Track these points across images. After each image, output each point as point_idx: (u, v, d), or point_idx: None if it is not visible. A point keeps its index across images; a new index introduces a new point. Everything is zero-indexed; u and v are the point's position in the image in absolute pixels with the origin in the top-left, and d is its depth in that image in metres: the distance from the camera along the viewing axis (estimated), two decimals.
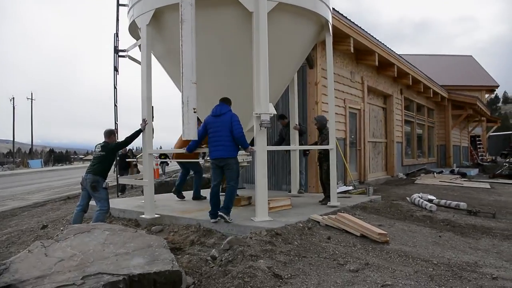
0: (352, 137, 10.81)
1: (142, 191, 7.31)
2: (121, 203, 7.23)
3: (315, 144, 7.55)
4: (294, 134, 8.13)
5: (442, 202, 7.71)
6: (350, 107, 10.38)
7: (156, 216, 5.90)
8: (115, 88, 6.88)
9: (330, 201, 6.65)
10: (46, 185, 18.71)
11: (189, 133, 5.08)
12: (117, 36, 6.85)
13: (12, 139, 51.45)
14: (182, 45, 4.99)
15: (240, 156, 5.79)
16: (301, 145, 8.10)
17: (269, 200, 5.63)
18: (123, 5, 6.89)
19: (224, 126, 5.28)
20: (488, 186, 11.41)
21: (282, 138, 8.48)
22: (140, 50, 6.37)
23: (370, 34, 10.38)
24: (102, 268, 3.12)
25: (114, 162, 7.14)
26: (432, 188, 10.50)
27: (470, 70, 28.01)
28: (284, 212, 5.96)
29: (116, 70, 6.86)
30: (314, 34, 6.70)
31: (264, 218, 5.28)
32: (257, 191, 5.41)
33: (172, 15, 5.64)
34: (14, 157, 57.74)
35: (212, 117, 5.47)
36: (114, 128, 6.58)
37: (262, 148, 5.40)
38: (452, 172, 15.61)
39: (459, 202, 7.51)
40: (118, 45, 6.86)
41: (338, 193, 7.30)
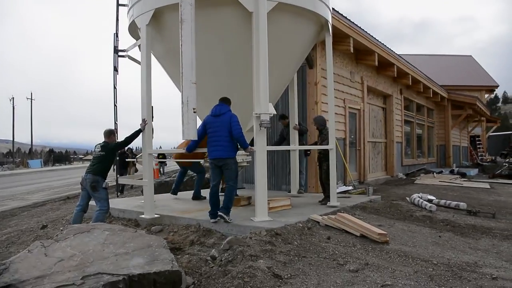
0: (351, 137, 10.81)
1: (142, 191, 7.32)
2: (120, 203, 7.24)
3: (315, 144, 7.55)
4: (294, 134, 8.13)
5: (442, 202, 7.71)
6: (349, 107, 10.39)
7: (155, 216, 5.90)
8: (115, 88, 6.89)
9: (329, 201, 6.66)
10: (46, 185, 18.70)
11: (189, 133, 5.08)
12: (117, 36, 6.85)
13: (11, 139, 51.43)
14: (181, 45, 4.99)
15: (239, 156, 5.79)
16: (302, 145, 8.11)
17: (268, 200, 5.63)
18: (123, 5, 6.90)
19: (223, 126, 5.28)
20: (487, 186, 11.41)
21: (282, 137, 8.47)
22: (140, 50, 6.37)
23: (369, 34, 10.38)
24: (102, 268, 3.12)
25: (114, 162, 7.14)
26: (431, 188, 10.50)
27: (470, 70, 28.02)
28: (284, 212, 5.96)
29: (116, 70, 6.87)
30: (314, 34, 6.70)
31: (263, 218, 5.28)
32: (256, 191, 5.40)
33: (171, 15, 5.64)
34: (13, 157, 57.75)
35: (211, 117, 5.46)
36: (114, 128, 6.58)
37: (261, 148, 5.40)
38: (451, 172, 15.61)
39: (459, 202, 7.51)
40: (118, 45, 6.87)
41: (338, 193, 7.30)
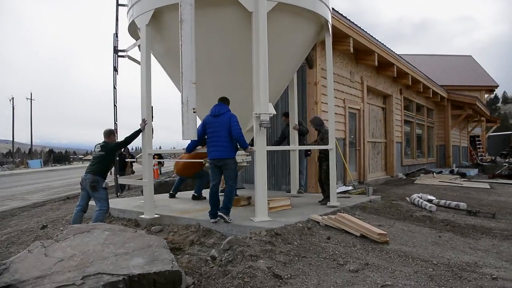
0: (351, 137, 10.81)
1: (142, 191, 7.31)
2: (120, 203, 7.23)
3: (314, 142, 7.55)
4: (295, 134, 8.13)
5: (442, 202, 7.71)
6: (349, 107, 10.39)
7: (155, 216, 5.90)
8: (115, 88, 6.89)
9: (329, 201, 6.65)
10: (46, 185, 18.68)
11: (188, 133, 5.07)
12: (116, 36, 6.85)
13: (11, 139, 51.43)
14: (181, 45, 4.99)
15: (239, 156, 5.79)
16: (302, 145, 8.11)
17: (268, 200, 5.63)
18: (123, 5, 6.89)
19: (222, 126, 5.28)
20: (487, 186, 11.41)
21: (284, 137, 8.48)
22: (139, 50, 6.37)
23: (369, 34, 10.38)
24: (101, 268, 3.11)
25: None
26: (431, 188, 10.50)
27: (470, 70, 28.03)
28: (283, 212, 5.96)
29: (115, 70, 6.87)
30: (313, 34, 6.70)
31: (263, 218, 5.28)
32: (256, 191, 5.40)
33: (171, 15, 5.63)
34: (13, 157, 57.77)
35: (211, 117, 5.46)
36: (113, 128, 6.58)
37: (261, 148, 5.40)
38: (451, 172, 15.62)
39: (459, 202, 7.50)
40: (118, 45, 6.87)
41: (338, 193, 7.30)
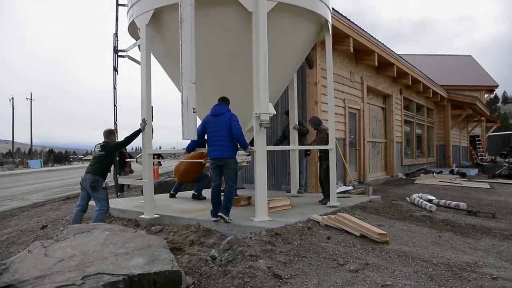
0: (351, 137, 10.82)
1: (142, 191, 7.31)
2: (120, 203, 7.23)
3: (314, 142, 7.55)
4: (295, 134, 8.13)
5: (442, 202, 7.71)
6: (349, 107, 10.39)
7: (155, 216, 5.90)
8: (115, 88, 6.88)
9: (329, 201, 6.65)
10: (46, 185, 18.67)
11: (188, 133, 5.07)
12: (116, 36, 6.85)
13: (11, 139, 51.42)
14: (181, 45, 4.99)
15: (239, 156, 5.79)
16: (302, 145, 8.11)
17: (268, 200, 5.63)
18: (123, 5, 6.89)
19: (223, 126, 5.28)
20: (487, 186, 11.41)
21: (284, 136, 8.48)
22: (139, 50, 6.36)
23: (369, 34, 10.38)
24: (102, 268, 3.11)
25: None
26: (431, 188, 10.50)
27: (470, 70, 28.03)
28: (283, 212, 5.96)
29: (115, 70, 6.86)
30: (313, 34, 6.70)
31: (263, 218, 5.28)
32: (256, 191, 5.40)
33: (171, 15, 5.63)
34: (13, 157, 57.73)
35: (211, 116, 5.46)
36: (113, 128, 6.58)
37: (261, 148, 5.40)
38: (451, 172, 15.62)
39: (459, 202, 7.51)
40: (118, 45, 6.86)
41: (338, 193, 7.30)
